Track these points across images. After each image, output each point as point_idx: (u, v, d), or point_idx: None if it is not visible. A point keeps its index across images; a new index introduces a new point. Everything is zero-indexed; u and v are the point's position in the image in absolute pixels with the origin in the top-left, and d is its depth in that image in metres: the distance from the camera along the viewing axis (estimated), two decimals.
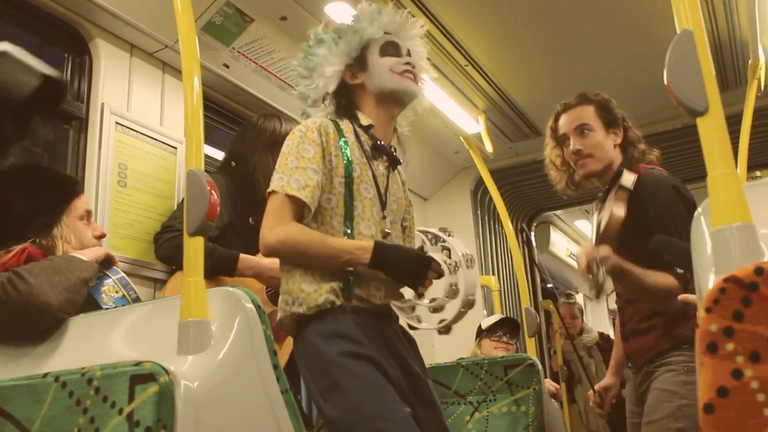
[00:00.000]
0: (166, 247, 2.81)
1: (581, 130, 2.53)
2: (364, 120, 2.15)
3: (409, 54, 2.24)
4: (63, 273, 1.86)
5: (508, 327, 4.02)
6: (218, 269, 2.68)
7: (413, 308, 2.02)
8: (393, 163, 2.20)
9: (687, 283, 2.20)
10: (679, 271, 2.24)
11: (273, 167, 2.85)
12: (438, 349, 4.69)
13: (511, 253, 4.23)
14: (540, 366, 3.01)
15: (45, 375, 1.35)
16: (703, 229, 1.02)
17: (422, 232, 2.13)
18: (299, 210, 1.96)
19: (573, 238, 8.31)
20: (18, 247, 2.01)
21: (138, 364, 1.24)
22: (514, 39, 3.81)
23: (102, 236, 2.30)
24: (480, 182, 5.19)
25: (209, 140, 3.67)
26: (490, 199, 5.40)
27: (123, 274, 2.16)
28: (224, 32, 3.19)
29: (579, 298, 7.73)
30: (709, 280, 0.94)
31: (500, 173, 5.09)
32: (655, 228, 2.18)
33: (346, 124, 2.14)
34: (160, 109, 3.14)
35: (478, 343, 4.06)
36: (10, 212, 2.10)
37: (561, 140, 2.62)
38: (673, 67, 1.04)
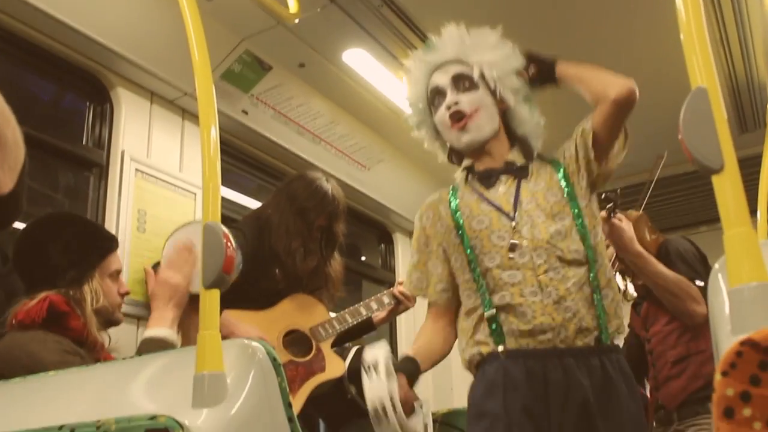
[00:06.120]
0: None
1: None
2: (464, 164, 2.10)
3: (458, 83, 2.02)
4: None
5: None
6: None
7: None
8: (518, 173, 2.02)
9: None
10: (699, 283, 2.35)
11: (283, 223, 2.85)
12: (457, 392, 4.65)
13: None
14: None
15: (60, 427, 1.35)
16: (721, 287, 1.01)
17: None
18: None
19: None
20: (41, 295, 2.03)
21: (153, 417, 1.24)
22: None
23: (127, 293, 2.32)
24: None
25: (227, 182, 3.69)
26: None
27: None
28: (243, 79, 3.23)
29: None
30: (726, 341, 0.93)
31: None
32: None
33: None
34: (179, 156, 3.18)
35: None
36: (46, 260, 2.11)
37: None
38: (687, 124, 1.03)
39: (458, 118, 1.99)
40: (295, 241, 2.85)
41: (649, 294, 2.64)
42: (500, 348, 1.87)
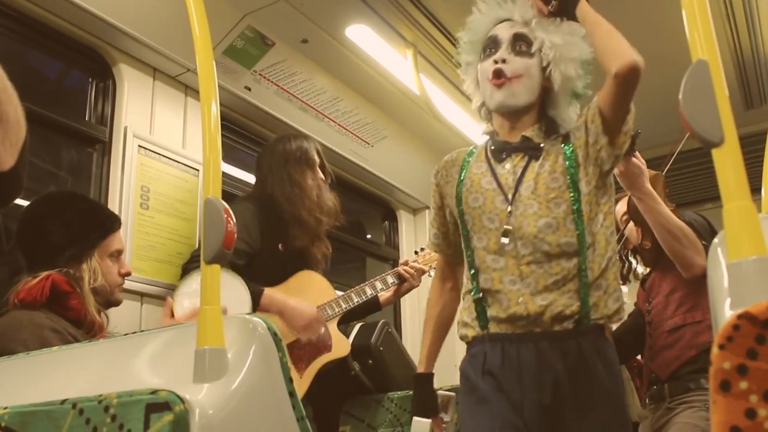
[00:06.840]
0: None
1: None
2: (488, 128, 2.09)
3: (515, 44, 1.98)
4: None
5: None
6: None
7: None
8: (530, 152, 1.97)
9: None
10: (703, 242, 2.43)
11: (288, 185, 2.86)
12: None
13: None
14: None
15: (63, 401, 1.36)
16: (720, 261, 1.01)
17: None
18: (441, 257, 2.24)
19: None
20: (43, 274, 2.03)
21: (153, 392, 1.25)
22: None
23: (128, 274, 2.32)
24: None
25: (231, 159, 3.69)
26: None
27: None
28: (246, 55, 3.21)
29: None
30: (724, 314, 0.93)
31: None
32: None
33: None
34: (182, 132, 3.17)
35: None
36: (46, 237, 2.12)
37: None
38: (687, 98, 1.02)
39: (499, 75, 1.96)
40: (314, 192, 2.90)
41: (658, 261, 2.64)
42: (483, 332, 1.92)
